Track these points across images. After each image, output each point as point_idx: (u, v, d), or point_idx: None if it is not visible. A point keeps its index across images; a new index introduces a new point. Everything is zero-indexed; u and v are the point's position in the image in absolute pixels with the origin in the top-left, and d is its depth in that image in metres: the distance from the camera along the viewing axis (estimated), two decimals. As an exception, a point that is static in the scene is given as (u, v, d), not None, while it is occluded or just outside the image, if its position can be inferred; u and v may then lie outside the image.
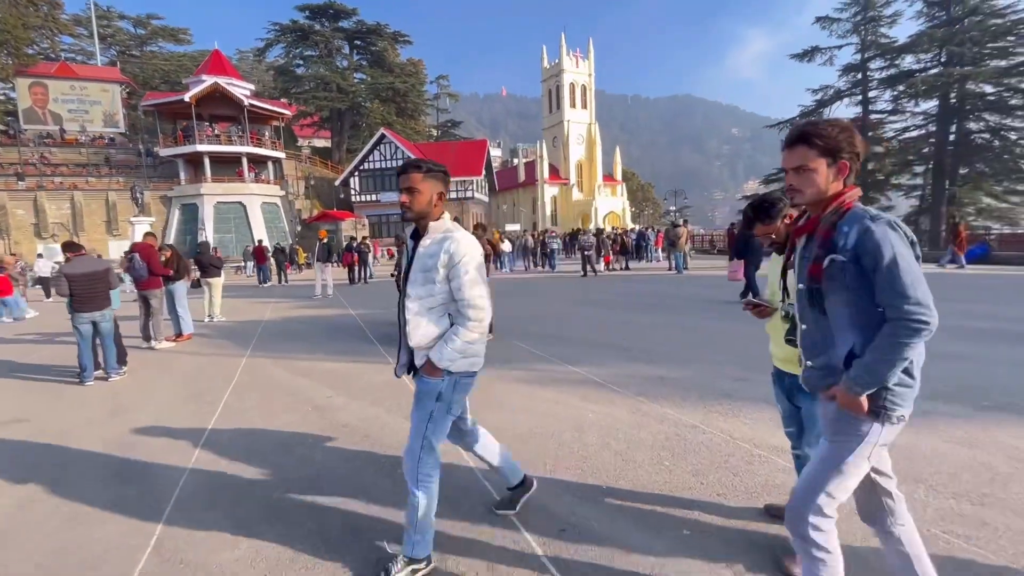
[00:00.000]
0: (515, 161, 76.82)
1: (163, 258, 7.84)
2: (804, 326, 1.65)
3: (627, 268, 18.83)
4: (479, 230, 6.99)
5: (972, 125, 31.28)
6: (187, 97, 33.02)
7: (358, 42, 50.01)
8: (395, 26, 50.67)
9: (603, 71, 57.57)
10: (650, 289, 12.54)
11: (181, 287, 8.05)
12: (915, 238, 1.48)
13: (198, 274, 9.96)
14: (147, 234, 7.53)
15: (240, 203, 35.33)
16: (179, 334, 8.06)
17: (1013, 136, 29.66)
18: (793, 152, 1.56)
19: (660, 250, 23.24)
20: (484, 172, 43.62)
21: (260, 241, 19.66)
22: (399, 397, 4.63)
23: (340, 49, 49.84)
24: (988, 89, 29.83)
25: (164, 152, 35.35)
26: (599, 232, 20.29)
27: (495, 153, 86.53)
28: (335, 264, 16.10)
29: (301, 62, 48.42)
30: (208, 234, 33.28)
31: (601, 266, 18.49)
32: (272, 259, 19.47)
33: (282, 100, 44.29)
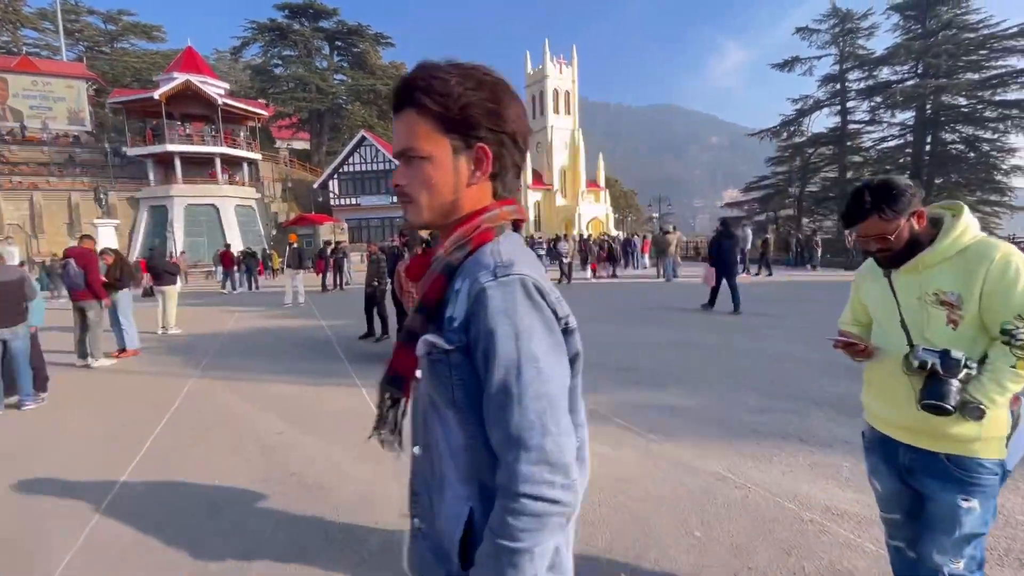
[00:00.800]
0: (498, 166, 76.28)
1: (104, 264, 6.97)
2: (415, 448, 0.90)
3: (614, 276, 18.31)
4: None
5: (947, 136, 31.89)
6: (157, 95, 31.73)
7: (339, 43, 49.03)
8: (377, 30, 49.74)
9: (586, 79, 57.70)
10: (641, 299, 11.96)
11: (126, 296, 7.17)
12: (571, 321, 0.81)
13: (151, 282, 9.07)
14: (84, 237, 6.65)
15: (213, 205, 34.06)
16: (122, 349, 7.17)
17: (985, 147, 30.26)
18: (399, 123, 0.83)
19: (647, 257, 22.84)
20: (467, 176, 42.97)
21: (228, 245, 18.58)
22: (363, 431, 3.90)
23: (320, 50, 48.80)
24: (962, 101, 30.44)
25: (132, 152, 33.89)
26: (587, 238, 19.73)
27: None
28: (308, 270, 15.21)
29: (279, 62, 47.22)
30: (178, 238, 31.95)
31: (588, 273, 17.94)
32: (243, 264, 18.44)
33: (259, 101, 43.04)
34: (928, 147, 32.19)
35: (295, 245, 12.82)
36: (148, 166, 34.33)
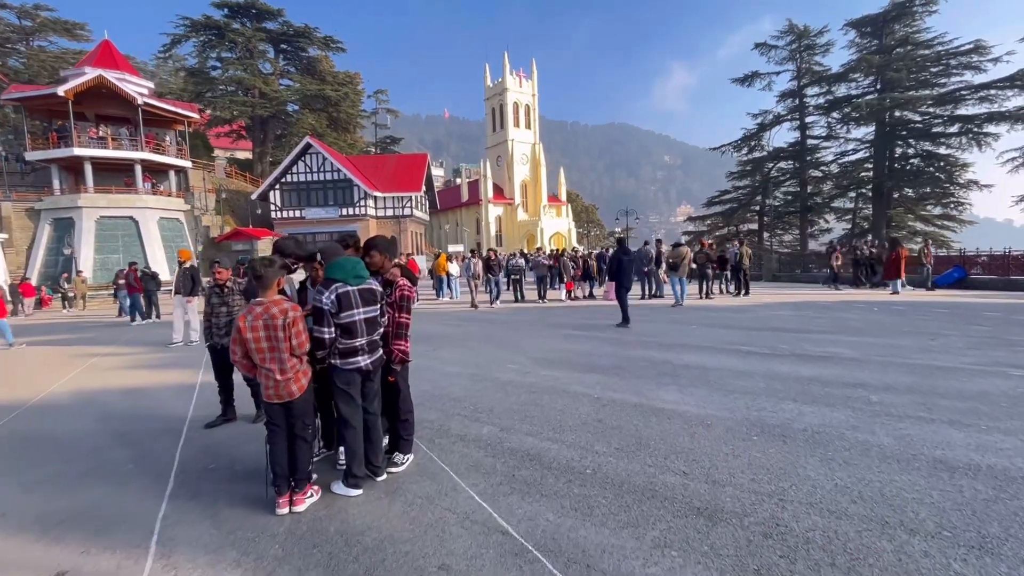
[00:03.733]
0: (458, 181, 74.03)
1: None
2: None
3: (591, 296, 15.92)
4: (380, 255, 3.37)
5: (906, 151, 31.94)
6: (62, 91, 27.47)
7: (284, 46, 45.58)
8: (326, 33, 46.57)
9: (543, 97, 56.63)
10: (647, 331, 9.13)
11: None
12: None
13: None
14: None
15: (131, 218, 29.89)
16: None
17: (941, 163, 30.37)
18: None
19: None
20: (424, 188, 40.17)
21: (133, 263, 14.98)
22: None
23: (265, 53, 45.19)
24: (916, 117, 30.60)
25: (31, 156, 29.33)
26: (562, 253, 17.29)
27: (437, 173, 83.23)
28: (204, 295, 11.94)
29: (218, 63, 43.28)
30: (85, 254, 27.59)
31: (563, 294, 15.46)
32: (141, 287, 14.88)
33: (195, 105, 38.99)
34: (887, 161, 32.05)
35: (186, 265, 9.63)
36: (53, 173, 29.85)
